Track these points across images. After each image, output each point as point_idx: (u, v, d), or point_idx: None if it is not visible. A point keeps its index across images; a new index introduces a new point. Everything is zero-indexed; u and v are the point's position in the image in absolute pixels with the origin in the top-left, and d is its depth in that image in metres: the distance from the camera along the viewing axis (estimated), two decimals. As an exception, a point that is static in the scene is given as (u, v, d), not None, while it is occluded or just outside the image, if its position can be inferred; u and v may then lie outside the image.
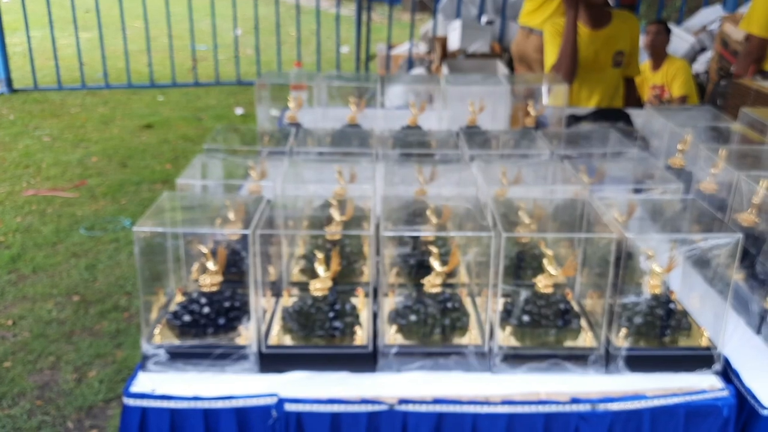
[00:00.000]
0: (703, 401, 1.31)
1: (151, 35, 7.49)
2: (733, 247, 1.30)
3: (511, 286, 1.40)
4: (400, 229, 1.35)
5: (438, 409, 1.29)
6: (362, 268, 1.58)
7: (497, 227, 1.31)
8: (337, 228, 1.57)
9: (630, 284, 1.37)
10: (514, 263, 1.59)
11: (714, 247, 1.32)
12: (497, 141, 1.95)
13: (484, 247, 1.33)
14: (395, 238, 1.51)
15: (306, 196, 1.66)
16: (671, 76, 4.89)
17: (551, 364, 1.36)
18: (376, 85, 2.62)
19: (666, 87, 4.86)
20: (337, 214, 1.57)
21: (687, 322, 1.43)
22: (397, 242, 1.53)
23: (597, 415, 1.30)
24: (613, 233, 1.31)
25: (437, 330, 1.38)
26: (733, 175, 1.67)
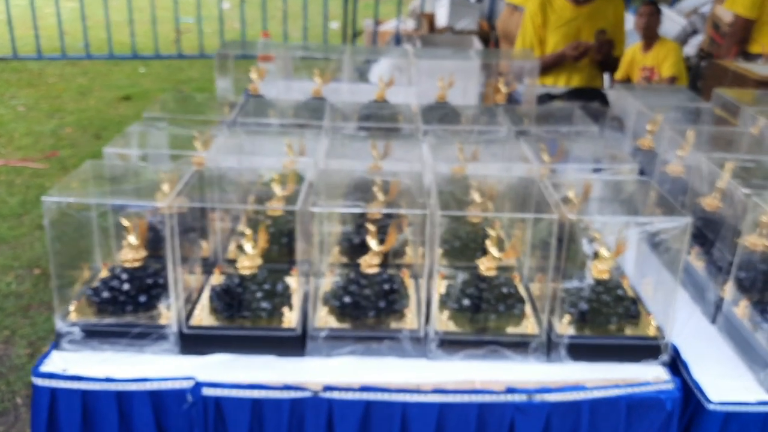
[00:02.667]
0: (646, 394, 1.24)
1: (137, 6, 7.30)
2: (682, 231, 1.22)
3: (448, 268, 1.31)
4: (330, 205, 1.26)
5: (365, 397, 1.21)
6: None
7: (432, 205, 1.23)
8: (279, 203, 1.48)
9: (574, 268, 1.30)
10: (463, 244, 1.52)
11: (662, 230, 1.24)
12: (458, 117, 1.86)
13: (421, 226, 1.25)
14: (335, 215, 1.43)
15: (250, 168, 1.57)
16: (662, 57, 4.79)
17: (490, 351, 1.29)
18: (341, 58, 2.51)
19: (656, 69, 4.76)
20: (279, 189, 1.49)
21: (636, 309, 1.36)
22: (338, 220, 1.45)
23: (533, 406, 1.23)
24: (554, 214, 1.23)
25: (371, 313, 1.31)
26: (696, 158, 1.59)
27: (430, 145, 1.59)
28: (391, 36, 6.72)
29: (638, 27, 4.96)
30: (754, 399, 1.24)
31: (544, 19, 3.55)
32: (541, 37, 3.56)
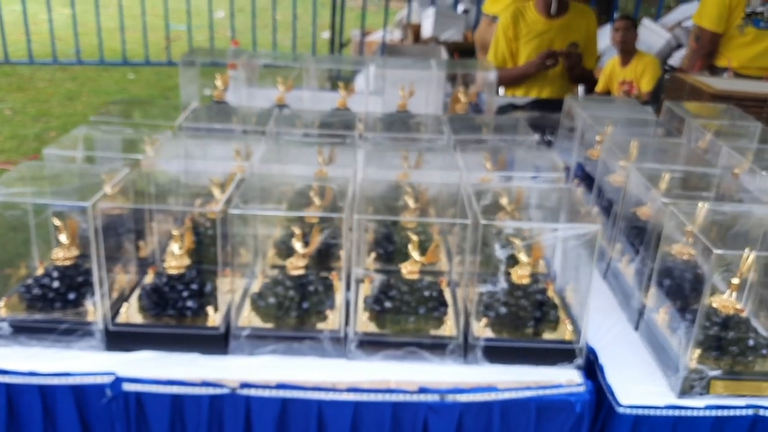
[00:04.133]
0: (556, 396, 1.27)
1: (132, 14, 7.38)
2: (592, 238, 1.26)
3: (364, 271, 1.35)
4: (249, 208, 1.30)
5: (282, 395, 1.25)
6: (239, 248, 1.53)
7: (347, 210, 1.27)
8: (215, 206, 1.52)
9: (489, 272, 1.33)
10: (396, 249, 1.55)
11: (573, 237, 1.28)
12: (406, 125, 1.90)
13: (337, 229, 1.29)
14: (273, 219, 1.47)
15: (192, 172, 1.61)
16: (640, 71, 4.85)
17: (408, 353, 1.32)
18: (304, 66, 2.56)
19: (635, 82, 4.82)
20: (218, 192, 1.52)
21: (555, 314, 1.39)
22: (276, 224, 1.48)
23: (446, 405, 1.26)
24: (467, 219, 1.27)
25: (294, 313, 1.34)
26: (630, 170, 1.63)
27: (366, 152, 1.63)
28: (377, 46, 6.79)
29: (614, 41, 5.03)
30: (663, 403, 1.27)
31: (516, 31, 3.61)
32: (513, 49, 3.62)
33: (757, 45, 3.14)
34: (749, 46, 3.15)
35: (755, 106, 2.37)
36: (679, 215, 1.35)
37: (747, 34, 3.14)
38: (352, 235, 1.26)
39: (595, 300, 1.61)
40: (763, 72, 3.15)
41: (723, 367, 1.29)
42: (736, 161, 1.74)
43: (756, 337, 1.32)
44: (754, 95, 2.36)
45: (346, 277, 1.32)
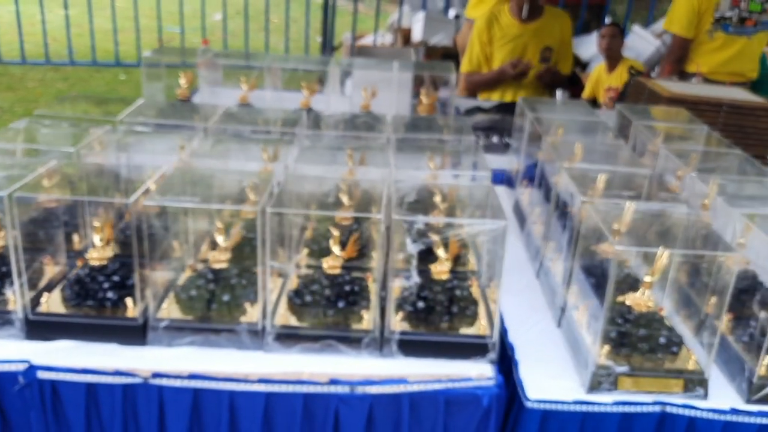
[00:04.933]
0: (464, 389, 1.29)
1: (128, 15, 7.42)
2: (500, 234, 1.28)
3: (280, 265, 1.37)
4: (163, 200, 1.32)
5: (193, 385, 1.27)
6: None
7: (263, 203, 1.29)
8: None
9: (403, 268, 1.35)
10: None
11: (480, 232, 1.30)
12: (345, 124, 1.93)
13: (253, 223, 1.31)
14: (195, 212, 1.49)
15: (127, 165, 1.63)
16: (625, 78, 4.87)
17: (325, 345, 1.34)
18: (266, 66, 2.59)
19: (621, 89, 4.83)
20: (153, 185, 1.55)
21: (474, 309, 1.40)
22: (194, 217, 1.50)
23: (356, 397, 1.28)
24: (379, 214, 1.29)
25: (214, 306, 1.36)
26: (561, 170, 1.65)
27: (300, 149, 1.66)
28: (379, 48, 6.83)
29: (601, 48, 5.05)
30: (572, 398, 1.29)
31: (491, 35, 3.64)
32: (487, 53, 3.65)
33: (726, 50, 3.15)
34: (718, 51, 3.16)
35: (711, 110, 2.38)
36: (593, 214, 1.37)
37: (716, 39, 3.16)
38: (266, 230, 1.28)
39: (526, 297, 1.65)
40: (733, 77, 3.17)
41: (633, 363, 1.30)
42: (673, 163, 1.76)
43: (669, 335, 1.33)
44: (709, 99, 2.37)
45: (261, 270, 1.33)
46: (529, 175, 2.18)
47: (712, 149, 1.88)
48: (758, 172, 1.73)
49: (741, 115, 2.37)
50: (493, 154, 2.51)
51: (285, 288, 1.45)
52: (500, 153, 2.48)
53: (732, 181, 1.64)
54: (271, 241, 1.36)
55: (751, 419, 1.28)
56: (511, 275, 1.74)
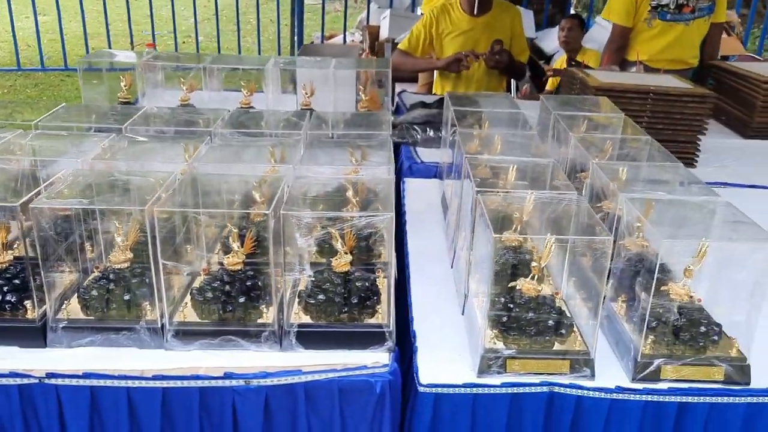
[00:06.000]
0: (358, 377, 1.32)
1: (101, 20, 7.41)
2: (388, 225, 1.31)
3: (172, 263, 1.39)
4: (55, 203, 1.34)
5: (88, 383, 1.29)
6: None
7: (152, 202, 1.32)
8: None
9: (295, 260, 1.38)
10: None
11: (369, 224, 1.33)
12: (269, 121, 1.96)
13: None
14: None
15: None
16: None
17: (225, 341, 1.37)
18: (201, 68, 2.61)
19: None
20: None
21: (376, 300, 1.44)
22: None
23: (251, 390, 1.31)
24: (265, 209, 1.32)
25: (114, 305, 1.39)
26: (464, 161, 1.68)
27: (211, 148, 1.68)
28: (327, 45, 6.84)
29: (560, 41, 5.08)
30: (462, 381, 1.32)
31: (441, 28, 3.67)
32: (431, 42, 3.69)
33: (664, 37, 3.19)
34: (657, 38, 3.20)
35: (638, 98, 2.42)
36: (482, 203, 1.40)
37: (654, 26, 3.20)
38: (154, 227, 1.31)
39: (440, 286, 1.68)
40: (673, 64, 3.21)
41: (522, 346, 1.34)
42: (582, 153, 1.79)
43: (559, 318, 1.37)
44: (635, 88, 2.41)
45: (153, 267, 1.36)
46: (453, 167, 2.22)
47: (625, 136, 1.92)
48: (664, 158, 1.77)
49: (668, 102, 2.41)
50: (429, 147, 2.55)
51: (191, 286, 1.47)
52: (435, 146, 2.51)
53: (634, 167, 1.67)
54: (169, 241, 1.39)
55: (636, 397, 1.32)
56: (429, 265, 1.78)
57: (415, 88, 4.66)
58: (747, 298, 1.29)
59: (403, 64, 3.70)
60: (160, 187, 1.48)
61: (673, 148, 2.49)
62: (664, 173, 1.70)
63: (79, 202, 1.36)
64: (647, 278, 1.31)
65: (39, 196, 1.35)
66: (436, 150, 2.51)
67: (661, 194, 1.48)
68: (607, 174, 1.63)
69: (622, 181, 1.63)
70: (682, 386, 1.32)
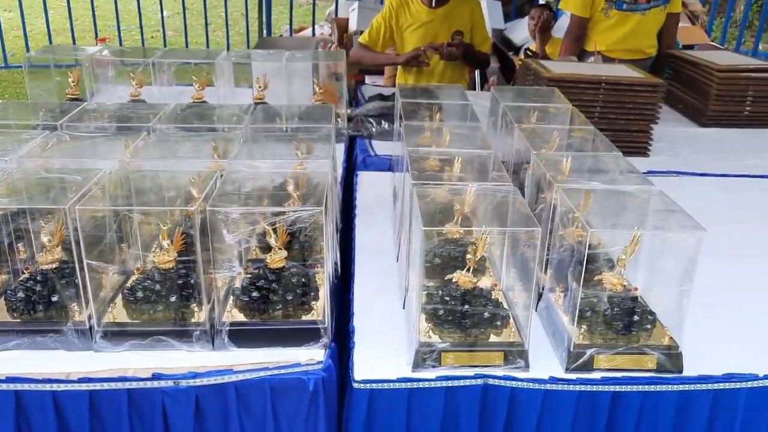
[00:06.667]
0: (290, 375, 1.30)
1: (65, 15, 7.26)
2: (316, 218, 1.29)
3: (98, 263, 1.36)
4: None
5: (12, 388, 1.26)
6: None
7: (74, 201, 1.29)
8: None
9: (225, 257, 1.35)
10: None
11: (300, 218, 1.31)
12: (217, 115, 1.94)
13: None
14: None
15: None
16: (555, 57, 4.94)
17: (155, 341, 1.34)
18: (150, 63, 2.56)
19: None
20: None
21: (314, 296, 1.42)
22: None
23: (180, 390, 1.28)
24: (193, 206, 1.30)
25: (39, 307, 1.35)
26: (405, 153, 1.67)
27: (148, 143, 1.65)
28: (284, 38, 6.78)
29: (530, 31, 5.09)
30: (396, 376, 1.31)
31: (401, 21, 3.66)
32: (391, 35, 3.67)
33: (621, 27, 3.20)
34: (614, 28, 3.21)
35: (591, 88, 2.43)
36: (415, 195, 1.39)
37: (611, 17, 3.21)
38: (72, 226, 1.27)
39: (384, 281, 1.67)
40: (631, 54, 3.23)
41: (456, 339, 1.33)
42: (524, 143, 1.79)
43: (494, 310, 1.36)
44: (587, 78, 2.41)
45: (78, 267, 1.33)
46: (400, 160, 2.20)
47: (568, 126, 1.92)
48: (607, 148, 1.77)
49: (619, 91, 2.42)
50: (383, 140, 2.53)
51: (123, 286, 1.44)
52: (390, 139, 2.49)
53: (577, 157, 1.67)
54: (96, 239, 1.35)
55: (569, 387, 1.32)
56: (375, 260, 1.77)
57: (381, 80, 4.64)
58: (677, 286, 1.30)
59: (363, 58, 3.69)
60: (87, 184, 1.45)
61: (626, 137, 2.52)
62: (605, 163, 1.70)
63: (2, 201, 1.32)
64: (579, 268, 1.31)
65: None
66: (391, 143, 2.50)
67: (595, 184, 1.48)
68: (551, 165, 1.63)
69: (565, 172, 1.63)
70: (615, 375, 1.33)
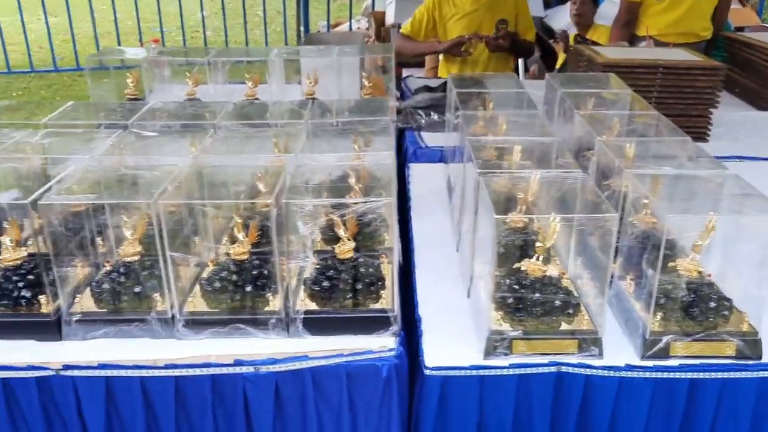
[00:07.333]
0: (364, 362, 1.33)
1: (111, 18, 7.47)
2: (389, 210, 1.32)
3: (180, 254, 1.41)
4: (64, 199, 1.37)
5: (103, 374, 1.32)
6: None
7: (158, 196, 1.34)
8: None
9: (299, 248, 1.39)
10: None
11: (370, 209, 1.34)
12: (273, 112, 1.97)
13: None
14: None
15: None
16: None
17: (234, 329, 1.39)
18: (206, 62, 2.62)
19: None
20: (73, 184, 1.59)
21: (381, 285, 1.44)
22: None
23: (261, 376, 1.33)
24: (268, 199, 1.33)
25: (125, 297, 1.41)
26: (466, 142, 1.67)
27: (215, 140, 1.70)
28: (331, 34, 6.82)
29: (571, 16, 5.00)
30: (468, 364, 1.33)
31: (444, 12, 3.65)
32: (438, 29, 3.66)
33: (673, 11, 3.13)
34: (666, 12, 3.14)
35: (647, 73, 2.38)
36: (483, 184, 1.39)
37: (663, 0, 3.14)
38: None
39: (445, 270, 1.69)
40: (683, 37, 3.15)
41: (528, 327, 1.34)
42: (587, 130, 1.77)
43: (565, 298, 1.36)
44: (644, 63, 2.37)
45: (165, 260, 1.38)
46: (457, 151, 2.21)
47: (631, 112, 1.89)
48: (672, 133, 1.74)
49: (677, 75, 2.37)
50: (433, 132, 2.54)
51: (199, 276, 1.49)
52: (440, 131, 2.50)
53: (642, 143, 1.65)
54: (177, 233, 1.40)
55: (645, 374, 1.31)
56: (434, 250, 1.78)
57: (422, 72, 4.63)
58: (754, 271, 1.27)
59: (404, 48, 3.69)
60: (166, 180, 1.50)
61: (685, 122, 2.46)
62: (672, 148, 1.68)
63: (86, 197, 1.38)
64: (654, 255, 1.30)
65: (49, 193, 1.38)
66: (441, 134, 2.50)
67: (667, 169, 1.46)
68: (614, 151, 1.61)
69: (630, 157, 1.61)
70: (692, 362, 1.31)
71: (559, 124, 2.07)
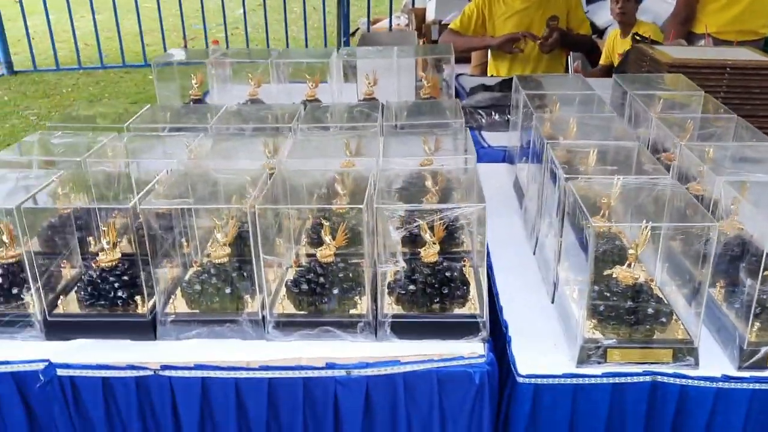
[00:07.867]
0: (456, 368, 1.33)
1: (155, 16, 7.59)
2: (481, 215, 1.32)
3: (273, 257, 1.43)
4: (159, 203, 1.40)
5: (200, 375, 1.35)
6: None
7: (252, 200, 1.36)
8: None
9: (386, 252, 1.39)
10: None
11: (461, 215, 1.34)
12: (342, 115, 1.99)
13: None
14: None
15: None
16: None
17: (322, 331, 1.41)
18: (269, 61, 2.65)
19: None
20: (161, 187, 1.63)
21: (465, 290, 1.45)
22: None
23: (352, 379, 1.34)
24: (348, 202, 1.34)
25: (216, 299, 1.44)
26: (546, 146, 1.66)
27: (295, 142, 1.72)
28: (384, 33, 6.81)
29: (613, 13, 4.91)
30: (561, 372, 1.32)
31: (494, 9, 3.62)
32: (488, 27, 3.64)
33: (733, 7, 3.05)
34: (725, 9, 3.06)
35: (714, 74, 2.33)
36: (574, 192, 1.38)
37: (721, -3, 3.06)
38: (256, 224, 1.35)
39: (522, 274, 1.68)
40: (742, 35, 3.07)
41: (621, 335, 1.33)
42: (665, 133, 1.74)
43: (657, 306, 1.35)
44: (711, 63, 2.32)
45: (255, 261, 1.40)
46: (527, 151, 2.19)
47: (709, 115, 1.86)
48: (752, 135, 1.70)
49: (746, 76, 2.31)
50: (495, 131, 2.53)
51: (285, 278, 1.52)
52: (502, 130, 2.48)
53: (722, 147, 1.62)
54: (266, 235, 1.43)
55: (743, 385, 1.29)
56: (509, 253, 1.78)
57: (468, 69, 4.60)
58: None
59: (454, 43, 3.65)
60: (250, 184, 1.53)
61: (753, 124, 2.40)
62: (754, 152, 1.64)
63: (184, 201, 1.41)
64: (753, 263, 1.28)
65: (147, 197, 1.41)
66: (503, 134, 2.49)
67: (760, 176, 1.43)
68: (696, 155, 1.59)
69: (711, 161, 1.58)
70: (792, 373, 1.29)
71: (627, 127, 2.04)
